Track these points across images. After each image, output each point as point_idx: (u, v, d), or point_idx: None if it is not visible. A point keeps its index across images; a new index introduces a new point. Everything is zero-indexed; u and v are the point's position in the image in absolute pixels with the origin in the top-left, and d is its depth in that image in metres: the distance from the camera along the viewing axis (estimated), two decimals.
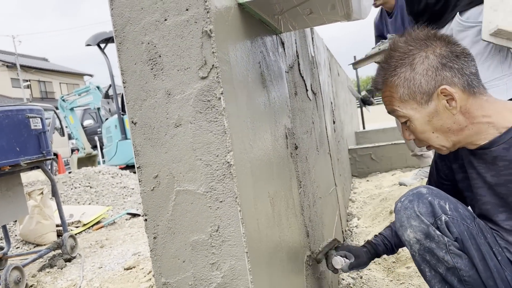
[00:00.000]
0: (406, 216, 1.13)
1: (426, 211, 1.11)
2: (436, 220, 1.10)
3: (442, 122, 1.11)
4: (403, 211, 1.14)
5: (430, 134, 1.14)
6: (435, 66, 1.08)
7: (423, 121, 1.13)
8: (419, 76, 1.09)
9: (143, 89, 0.85)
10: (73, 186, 5.82)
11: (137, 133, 0.87)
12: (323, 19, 1.32)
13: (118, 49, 0.85)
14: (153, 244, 0.88)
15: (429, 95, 1.10)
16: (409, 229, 1.13)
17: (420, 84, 1.09)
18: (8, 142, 2.92)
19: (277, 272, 1.03)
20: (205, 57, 0.81)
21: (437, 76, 1.08)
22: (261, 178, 1.01)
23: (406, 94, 1.12)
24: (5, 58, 30.84)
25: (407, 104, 1.13)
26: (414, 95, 1.11)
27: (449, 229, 1.09)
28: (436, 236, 1.09)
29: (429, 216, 1.10)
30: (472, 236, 1.10)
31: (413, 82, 1.10)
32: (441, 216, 1.09)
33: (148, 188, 0.87)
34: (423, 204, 1.11)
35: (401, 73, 1.12)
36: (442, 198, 1.13)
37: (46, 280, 3.04)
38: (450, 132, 1.12)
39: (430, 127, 1.13)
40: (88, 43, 8.72)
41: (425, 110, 1.11)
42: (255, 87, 1.07)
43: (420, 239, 1.11)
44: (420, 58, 1.10)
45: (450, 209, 1.11)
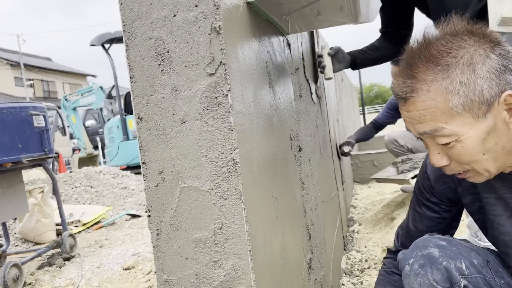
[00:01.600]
0: (418, 284, 0.99)
1: (441, 278, 0.97)
2: (454, 286, 0.97)
3: (497, 139, 0.86)
4: (414, 277, 0.99)
5: (480, 156, 0.87)
6: (498, 69, 0.83)
7: (478, 139, 0.85)
8: (481, 80, 0.82)
9: (150, 85, 0.85)
10: (73, 186, 5.81)
11: (143, 128, 0.86)
12: (330, 21, 1.32)
13: (126, 44, 0.85)
14: (156, 241, 0.87)
15: (489, 105, 0.83)
16: None
17: (481, 90, 0.82)
18: (10, 139, 2.92)
19: (279, 272, 1.02)
20: (213, 53, 0.81)
21: (500, 81, 0.83)
22: (265, 177, 1.00)
23: (462, 105, 0.83)
24: (9, 57, 30.94)
25: (459, 119, 0.84)
26: (471, 105, 0.83)
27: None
28: None
29: (445, 283, 0.97)
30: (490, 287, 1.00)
31: (474, 87, 0.82)
32: (460, 283, 0.96)
33: (152, 184, 0.87)
34: (438, 271, 0.97)
35: (455, 76, 0.83)
36: (457, 257, 0.99)
37: (45, 279, 3.02)
38: (502, 153, 0.87)
39: (482, 147, 0.86)
40: (92, 43, 8.75)
41: (482, 125, 0.84)
42: (262, 86, 1.06)
43: None
44: (480, 57, 0.83)
45: (466, 267, 0.98)
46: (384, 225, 3.04)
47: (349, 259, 2.53)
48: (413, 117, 0.89)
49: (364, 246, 2.75)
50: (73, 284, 2.83)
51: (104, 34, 8.73)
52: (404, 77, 0.88)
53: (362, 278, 2.22)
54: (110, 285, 2.69)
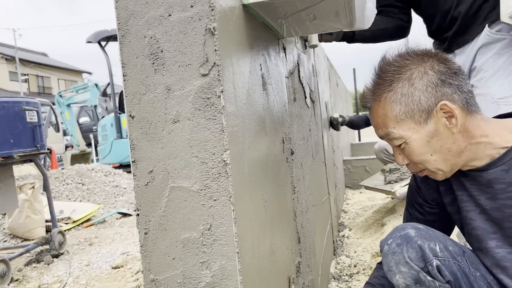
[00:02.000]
0: (394, 261, 1.06)
1: (415, 256, 1.04)
2: (427, 265, 1.03)
3: (442, 142, 1.02)
4: (391, 255, 1.07)
5: (428, 157, 1.04)
6: (434, 82, 1.01)
7: (421, 142, 1.02)
8: (418, 92, 1.00)
9: (143, 83, 0.85)
10: (65, 182, 5.78)
11: (134, 127, 0.86)
12: (326, 26, 1.32)
13: (120, 42, 0.85)
14: (143, 240, 0.87)
15: (429, 113, 1.00)
16: (398, 275, 1.06)
17: (419, 100, 1.00)
18: (2, 134, 2.90)
19: (266, 275, 1.02)
20: (207, 54, 0.81)
21: (437, 93, 1.00)
22: (256, 180, 1.01)
23: (403, 113, 1.01)
24: (4, 51, 30.73)
25: (403, 124, 1.02)
26: (412, 113, 1.01)
27: (441, 272, 1.03)
28: (427, 282, 1.03)
29: (419, 261, 1.04)
30: (464, 275, 1.05)
31: (412, 98, 1.00)
32: (432, 262, 1.02)
33: (142, 183, 0.87)
34: (413, 249, 1.04)
35: (397, 88, 1.02)
36: (432, 239, 1.06)
37: (32, 275, 3.00)
38: (449, 154, 1.03)
39: (428, 149, 1.03)
40: (89, 40, 8.73)
41: (424, 130, 1.01)
42: (255, 88, 1.07)
43: (410, 284, 1.05)
44: (419, 74, 1.01)
45: (440, 250, 1.04)
46: (374, 231, 3.05)
47: (339, 263, 2.54)
48: (374, 123, 1.10)
49: (354, 252, 2.76)
50: (61, 281, 2.81)
51: (101, 32, 8.71)
52: (368, 91, 1.09)
53: (350, 283, 2.23)
54: (98, 284, 2.67)
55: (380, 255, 2.57)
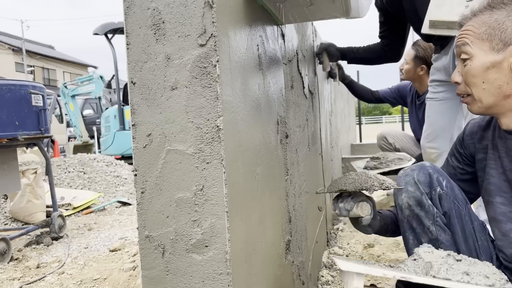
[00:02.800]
0: (405, 182, 1.22)
1: (424, 180, 1.19)
2: (431, 190, 1.18)
3: (498, 76, 1.08)
4: (404, 177, 1.23)
5: (479, 82, 1.11)
6: None
7: (483, 65, 1.10)
8: (510, 23, 1.07)
9: (145, 52, 0.91)
10: (67, 170, 5.85)
11: (135, 92, 0.92)
12: (322, 13, 1.38)
13: (125, 12, 0.91)
14: (140, 198, 0.93)
15: (505, 45, 1.07)
16: (404, 193, 1.21)
17: (506, 30, 1.07)
18: (8, 115, 2.97)
19: (254, 239, 1.08)
20: (205, 26, 0.87)
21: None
22: (248, 151, 1.06)
23: (487, 33, 1.09)
24: (11, 42, 30.91)
25: (480, 44, 1.11)
26: (492, 37, 1.09)
27: (441, 202, 1.17)
28: (427, 205, 1.17)
29: (425, 186, 1.18)
30: (459, 216, 1.18)
31: (501, 25, 1.08)
32: (436, 188, 1.17)
33: (140, 145, 0.93)
34: (423, 174, 1.19)
35: (495, 14, 1.10)
36: (442, 175, 1.20)
37: (32, 255, 3.07)
38: (497, 91, 1.09)
39: (484, 75, 1.10)
40: (95, 32, 8.80)
41: (492, 57, 1.09)
42: (251, 66, 1.13)
43: (412, 205, 1.19)
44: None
45: (446, 187, 1.18)
46: None
47: (331, 254, 2.60)
48: (459, 35, 1.16)
49: (347, 243, 2.81)
50: (59, 261, 2.87)
51: (108, 24, 8.78)
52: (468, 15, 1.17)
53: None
54: (95, 264, 2.74)
55: (371, 246, 2.63)
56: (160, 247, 0.92)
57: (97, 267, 2.66)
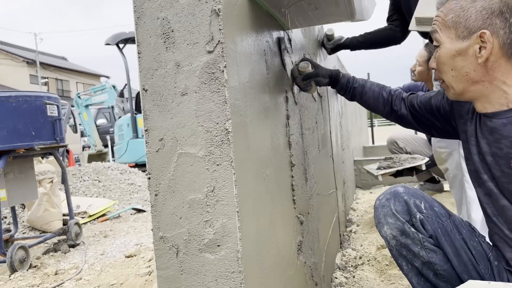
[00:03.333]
0: (383, 214, 1.20)
1: (402, 209, 1.17)
2: (412, 218, 1.16)
3: (464, 64, 1.10)
4: (381, 208, 1.21)
5: (448, 69, 1.14)
6: (492, 9, 1.06)
7: (449, 53, 1.12)
8: (473, 10, 1.07)
9: (156, 60, 0.95)
10: (82, 179, 5.95)
11: (147, 99, 0.96)
12: (328, 17, 1.41)
13: (136, 22, 0.95)
14: (154, 201, 0.97)
15: (469, 33, 1.08)
16: (386, 226, 1.20)
17: (469, 17, 1.07)
18: (24, 126, 3.05)
19: (265, 238, 1.11)
20: (212, 33, 0.90)
21: (487, 19, 1.06)
22: (257, 152, 1.09)
23: (452, 21, 1.10)
24: (25, 55, 31.50)
25: (447, 31, 1.12)
26: (457, 25, 1.09)
27: (424, 226, 1.16)
28: (411, 233, 1.16)
29: (404, 214, 1.17)
30: (446, 233, 1.16)
31: (465, 13, 1.08)
32: (416, 214, 1.15)
33: (153, 150, 0.96)
34: (399, 203, 1.18)
35: (461, 1, 1.10)
36: (418, 197, 1.19)
37: (50, 262, 3.13)
38: (465, 78, 1.11)
39: (451, 63, 1.12)
40: (107, 42, 8.94)
41: (457, 45, 1.10)
42: (258, 70, 1.16)
43: (396, 235, 1.18)
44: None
45: (425, 208, 1.17)
46: None
47: (344, 255, 2.60)
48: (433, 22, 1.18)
49: (360, 245, 2.82)
50: (77, 267, 2.93)
51: (119, 34, 8.91)
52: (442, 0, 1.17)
53: (355, 273, 2.29)
54: (112, 270, 2.78)
55: (384, 247, 2.63)
56: (174, 248, 0.96)
57: (114, 273, 2.71)
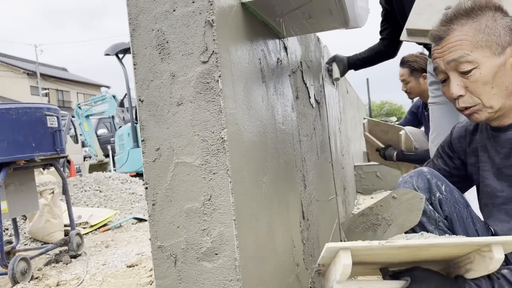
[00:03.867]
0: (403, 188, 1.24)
1: (423, 186, 1.21)
2: (431, 196, 1.20)
3: (504, 78, 1.13)
4: (403, 184, 1.25)
5: (489, 88, 1.13)
6: (510, 26, 1.14)
7: (491, 70, 1.12)
8: (500, 27, 1.13)
9: (151, 71, 0.96)
10: (83, 189, 5.95)
11: (143, 109, 0.97)
12: (322, 25, 1.42)
13: (131, 34, 0.97)
14: (151, 210, 0.97)
15: (503, 48, 1.12)
16: None
17: (500, 34, 1.12)
18: (24, 137, 3.06)
19: (264, 248, 1.11)
20: (206, 43, 0.91)
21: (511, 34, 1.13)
22: (254, 160, 1.10)
23: (484, 40, 1.12)
24: (26, 66, 31.67)
25: (480, 51, 1.13)
26: (491, 43, 1.12)
27: (441, 206, 1.19)
28: (428, 211, 1.19)
29: (425, 191, 1.20)
30: (461, 219, 1.20)
31: (494, 30, 1.12)
32: (436, 193, 1.19)
33: (150, 160, 0.97)
34: (422, 180, 1.22)
35: (482, 20, 1.14)
36: (440, 179, 1.22)
37: (51, 274, 3.13)
38: (505, 93, 1.13)
39: (493, 80, 1.13)
40: (106, 53, 9.00)
41: (496, 61, 1.12)
42: (254, 79, 1.17)
43: None
44: (500, 15, 1.15)
45: (445, 191, 1.21)
46: None
47: None
48: (445, 49, 1.16)
49: None
50: (78, 278, 2.92)
51: (119, 44, 8.97)
52: (444, 24, 1.18)
53: (356, 279, 2.29)
54: (113, 280, 2.78)
55: None
56: (172, 257, 0.96)
57: (115, 283, 2.70)
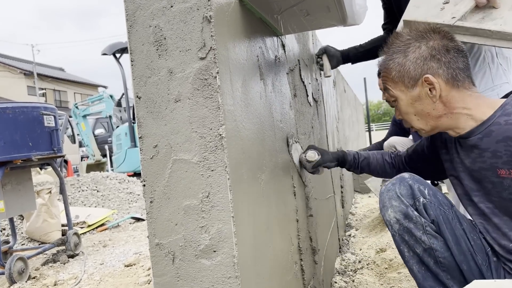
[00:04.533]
0: (388, 197, 1.25)
1: (406, 193, 1.22)
2: (415, 201, 1.21)
3: (423, 107, 1.23)
4: (386, 192, 1.26)
5: (412, 116, 1.28)
6: (424, 56, 1.21)
7: (407, 103, 1.26)
8: (409, 63, 1.22)
9: (149, 67, 0.96)
10: (80, 189, 5.94)
11: (141, 106, 0.97)
12: (320, 23, 1.42)
13: (128, 31, 0.96)
14: (149, 208, 0.97)
15: (415, 81, 1.22)
16: (390, 209, 1.23)
17: (408, 69, 1.22)
18: (21, 137, 3.05)
19: (263, 245, 1.11)
20: (204, 40, 0.91)
21: (424, 65, 1.21)
22: (252, 158, 1.10)
23: (397, 77, 1.25)
24: (23, 66, 31.54)
25: (396, 86, 1.26)
26: (402, 78, 1.24)
27: (427, 211, 1.19)
28: (414, 217, 1.20)
29: (408, 198, 1.21)
30: (447, 221, 1.20)
31: (404, 67, 1.23)
32: (420, 198, 1.20)
33: (148, 157, 0.97)
34: (404, 187, 1.23)
35: (396, 58, 1.25)
36: (422, 183, 1.23)
37: (49, 273, 3.12)
38: (429, 117, 1.24)
39: (412, 110, 1.26)
40: (104, 52, 8.97)
41: (410, 94, 1.24)
42: (252, 76, 1.16)
43: (400, 219, 1.22)
44: (414, 48, 1.23)
45: (429, 194, 1.21)
46: (380, 230, 3.10)
47: (344, 260, 2.60)
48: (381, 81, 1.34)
49: (359, 249, 2.81)
50: (76, 278, 2.92)
51: (116, 44, 8.95)
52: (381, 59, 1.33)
53: (354, 277, 2.29)
54: (111, 279, 2.77)
55: (383, 251, 2.63)
56: (170, 254, 0.96)
57: (113, 282, 2.70)
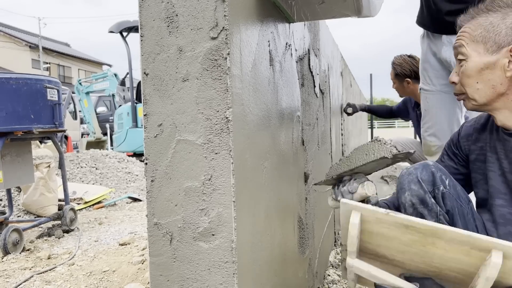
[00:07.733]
0: (408, 180, 1.21)
1: (428, 179, 1.19)
2: (435, 189, 1.18)
3: (491, 77, 1.14)
4: (407, 176, 1.22)
5: (473, 82, 1.18)
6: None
7: (477, 67, 1.16)
8: (504, 26, 1.12)
9: (158, 44, 0.93)
10: (79, 166, 5.93)
11: (147, 83, 0.95)
12: (334, 12, 1.39)
13: (140, 5, 0.94)
14: (150, 187, 0.95)
15: (499, 47, 1.13)
16: (407, 192, 1.21)
17: (499, 33, 1.13)
18: (23, 109, 3.03)
19: (261, 233, 1.10)
20: (217, 19, 0.89)
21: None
22: (257, 144, 1.08)
23: (481, 36, 1.15)
24: (28, 39, 31.39)
25: (475, 45, 1.16)
26: (487, 39, 1.14)
27: (444, 200, 1.18)
28: (430, 204, 1.18)
29: (429, 184, 1.19)
30: (462, 215, 1.19)
31: (495, 28, 1.13)
32: (440, 187, 1.18)
33: (151, 135, 0.95)
34: (426, 173, 1.20)
35: (490, 16, 1.15)
36: (445, 174, 1.21)
37: (43, 247, 3.12)
38: (491, 90, 1.15)
39: (478, 76, 1.16)
40: (111, 30, 8.91)
41: (486, 59, 1.14)
42: (262, 61, 1.14)
43: (415, 203, 1.20)
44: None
45: (449, 185, 1.19)
46: None
47: (338, 254, 2.60)
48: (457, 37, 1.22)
49: None
50: (70, 253, 2.92)
51: (123, 22, 8.88)
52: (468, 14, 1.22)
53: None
54: (105, 257, 2.78)
55: None
56: (168, 235, 0.95)
57: (107, 260, 2.70)
